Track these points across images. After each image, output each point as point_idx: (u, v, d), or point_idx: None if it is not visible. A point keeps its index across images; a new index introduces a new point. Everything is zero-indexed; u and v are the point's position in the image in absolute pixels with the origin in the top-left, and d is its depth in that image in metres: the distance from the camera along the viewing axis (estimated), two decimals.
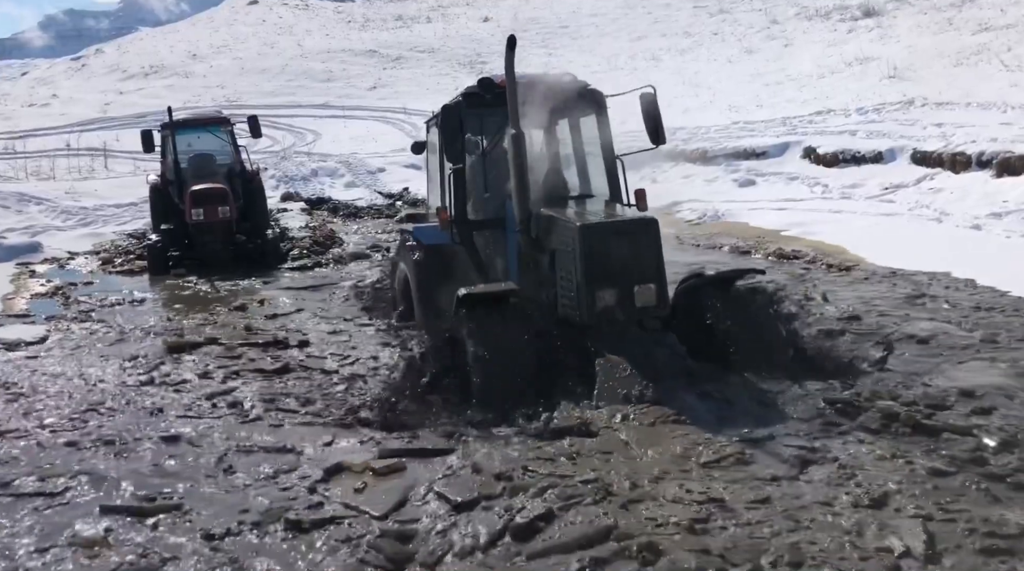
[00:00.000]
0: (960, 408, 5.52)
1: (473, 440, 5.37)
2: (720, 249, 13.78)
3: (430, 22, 64.34)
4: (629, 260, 6.45)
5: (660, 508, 4.26)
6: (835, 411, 5.46)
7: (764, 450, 4.94)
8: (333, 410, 6.23)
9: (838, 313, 8.51)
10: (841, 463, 4.69)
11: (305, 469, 5.08)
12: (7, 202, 18.93)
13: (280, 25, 66.68)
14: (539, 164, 7.80)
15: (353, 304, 10.41)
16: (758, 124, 26.03)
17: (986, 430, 5.10)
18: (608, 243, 6.47)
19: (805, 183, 19.38)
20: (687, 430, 5.17)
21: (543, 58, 52.08)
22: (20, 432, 5.82)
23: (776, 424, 5.35)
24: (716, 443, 4.96)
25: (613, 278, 6.42)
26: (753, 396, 5.77)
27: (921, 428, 5.14)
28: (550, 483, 4.56)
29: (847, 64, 32.02)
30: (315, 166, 26.95)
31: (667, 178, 24.00)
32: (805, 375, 6.15)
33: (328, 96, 45.88)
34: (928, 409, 5.44)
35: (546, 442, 5.25)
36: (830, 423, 5.32)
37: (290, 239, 15.46)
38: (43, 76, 63.42)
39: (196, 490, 4.83)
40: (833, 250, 12.44)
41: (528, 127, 7.34)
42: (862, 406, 5.46)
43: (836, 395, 5.73)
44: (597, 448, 5.09)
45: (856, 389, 5.83)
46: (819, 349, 6.93)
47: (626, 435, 5.22)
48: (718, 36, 48.21)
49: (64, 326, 9.27)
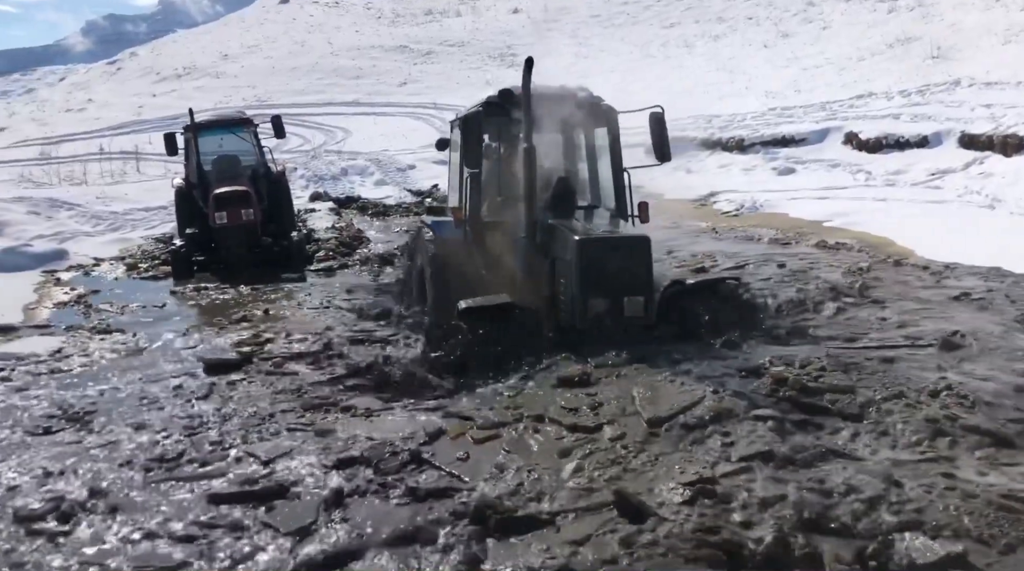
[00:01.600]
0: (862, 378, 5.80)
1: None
2: (759, 241, 13.20)
3: (460, 15, 63.89)
4: (621, 273, 7.10)
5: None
6: (744, 375, 5.92)
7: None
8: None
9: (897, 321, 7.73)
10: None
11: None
12: (38, 208, 18.93)
13: (310, 23, 66.73)
14: (550, 173, 8.22)
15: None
16: (796, 110, 25.29)
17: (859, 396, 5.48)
18: (603, 257, 7.12)
19: (847, 170, 18.70)
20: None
21: (573, 48, 51.46)
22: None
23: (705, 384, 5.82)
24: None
25: (605, 289, 7.09)
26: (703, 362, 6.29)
27: (807, 390, 5.53)
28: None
29: (888, 45, 30.99)
30: (345, 165, 26.73)
31: (703, 168, 23.40)
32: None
33: (358, 93, 45.70)
34: (817, 373, 5.81)
35: (557, 390, 5.95)
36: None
37: (316, 241, 15.19)
38: (80, 81, 64.25)
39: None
40: (879, 242, 11.83)
41: (542, 138, 7.95)
42: (763, 372, 5.90)
43: (747, 364, 6.15)
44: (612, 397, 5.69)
45: (768, 358, 6.24)
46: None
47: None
48: (753, 20, 47.14)
49: (81, 342, 8.90)
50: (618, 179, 8.44)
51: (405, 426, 5.70)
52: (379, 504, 4.62)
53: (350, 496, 4.68)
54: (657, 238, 13.25)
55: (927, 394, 5.48)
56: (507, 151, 8.56)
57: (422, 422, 5.75)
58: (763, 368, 5.94)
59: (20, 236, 16.15)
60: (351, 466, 5.04)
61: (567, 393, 5.86)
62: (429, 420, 5.79)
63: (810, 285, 9.24)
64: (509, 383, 6.34)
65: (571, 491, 4.50)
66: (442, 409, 6.05)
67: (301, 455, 5.26)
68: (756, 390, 5.59)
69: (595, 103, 8.41)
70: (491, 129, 8.63)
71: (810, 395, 5.49)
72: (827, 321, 8.05)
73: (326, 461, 5.12)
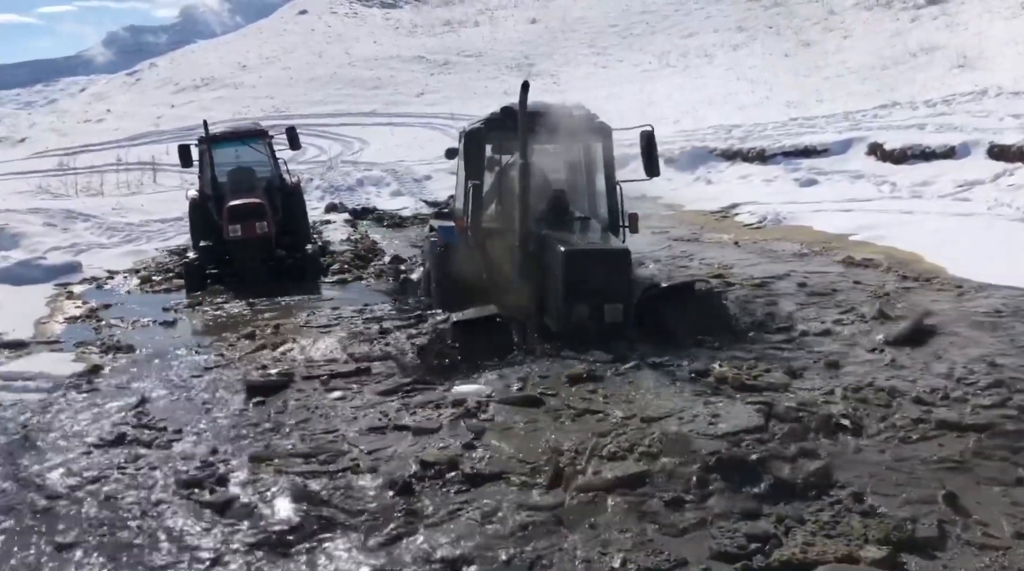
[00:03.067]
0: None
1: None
2: (783, 256, 12.86)
3: (478, 26, 63.94)
4: (602, 282, 7.73)
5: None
6: (694, 376, 6.66)
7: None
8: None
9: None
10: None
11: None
12: (54, 220, 18.90)
13: (329, 34, 67.01)
14: (547, 186, 8.92)
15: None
16: (818, 120, 24.94)
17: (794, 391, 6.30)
18: (586, 267, 7.76)
19: (871, 182, 18.31)
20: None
21: (591, 58, 51.35)
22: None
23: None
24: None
25: (587, 296, 7.72)
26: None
27: (745, 387, 6.32)
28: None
29: (912, 54, 30.64)
30: (361, 175, 26.59)
31: (723, 178, 23.06)
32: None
33: (375, 103, 45.75)
34: (758, 373, 6.62)
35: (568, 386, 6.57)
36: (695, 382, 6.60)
37: (331, 253, 15.00)
38: (99, 91, 64.78)
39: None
40: (908, 258, 11.42)
41: (541, 152, 8.80)
42: (711, 372, 6.67)
43: (699, 365, 6.85)
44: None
45: (718, 359, 6.97)
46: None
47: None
48: (773, 30, 46.83)
49: (108, 360, 8.62)
50: (610, 192, 9.11)
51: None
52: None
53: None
54: (676, 252, 13.01)
55: (852, 390, 6.26)
56: (506, 165, 9.11)
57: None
58: (710, 369, 6.70)
59: (36, 248, 16.09)
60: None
61: (577, 386, 6.57)
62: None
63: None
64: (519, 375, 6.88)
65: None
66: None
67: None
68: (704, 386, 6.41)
69: (590, 121, 9.02)
70: (493, 143, 9.22)
71: (747, 391, 6.26)
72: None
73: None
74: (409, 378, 7.07)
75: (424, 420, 6.06)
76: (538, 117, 8.46)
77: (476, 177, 8.91)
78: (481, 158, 8.99)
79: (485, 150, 9.10)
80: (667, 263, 12.53)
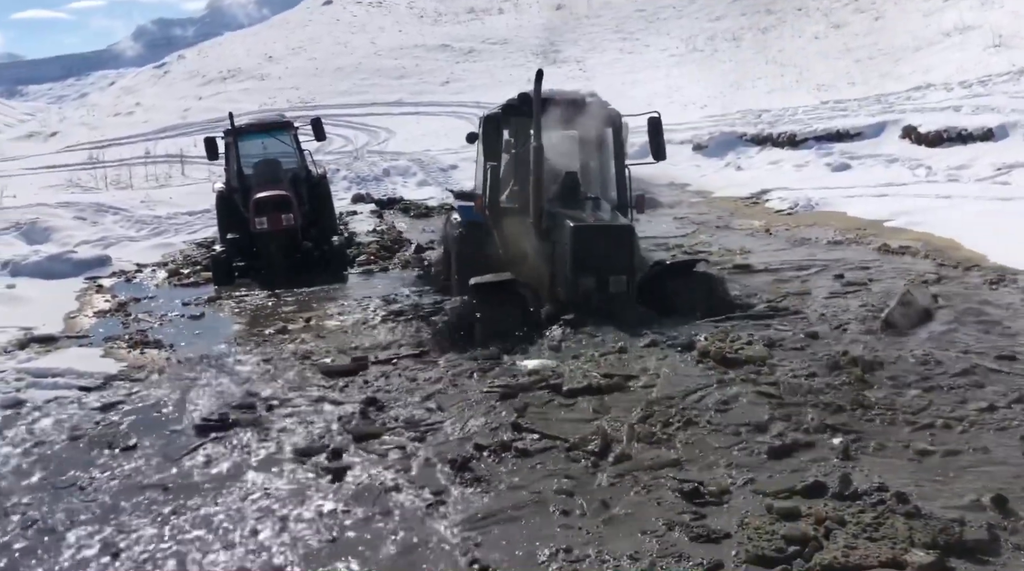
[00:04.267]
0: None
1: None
2: (816, 243, 12.59)
3: (502, 13, 63.52)
4: (607, 256, 8.35)
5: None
6: (681, 349, 7.15)
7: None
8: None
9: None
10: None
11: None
12: (84, 213, 19.04)
13: (354, 24, 66.94)
14: (560, 168, 9.42)
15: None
16: (850, 103, 24.44)
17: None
18: (592, 241, 8.38)
19: (906, 166, 17.90)
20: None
21: (617, 43, 50.83)
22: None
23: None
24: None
25: (593, 268, 8.33)
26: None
27: (725, 360, 6.71)
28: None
29: (945, 34, 29.85)
30: (387, 165, 26.53)
31: (753, 164, 22.71)
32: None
33: (401, 93, 45.64)
34: (739, 345, 7.02)
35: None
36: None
37: (357, 245, 14.95)
38: (129, 85, 65.32)
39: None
40: (945, 244, 11.11)
41: (555, 136, 9.33)
42: (695, 345, 7.15)
43: (681, 340, 7.32)
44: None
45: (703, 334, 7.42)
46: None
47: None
48: (802, 11, 45.98)
49: (145, 363, 8.58)
50: (620, 174, 9.80)
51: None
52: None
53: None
54: (704, 240, 12.87)
55: (826, 365, 6.58)
56: (523, 146, 9.60)
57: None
58: (696, 342, 7.15)
59: (66, 242, 16.22)
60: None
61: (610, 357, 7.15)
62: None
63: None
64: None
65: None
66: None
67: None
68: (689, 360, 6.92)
69: (602, 107, 9.64)
70: (510, 127, 9.93)
71: (728, 365, 6.64)
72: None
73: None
74: (474, 356, 7.57)
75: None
76: (553, 103, 9.14)
77: (494, 159, 9.60)
78: (499, 142, 9.64)
79: (502, 134, 9.76)
80: (688, 251, 12.59)
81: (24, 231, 16.97)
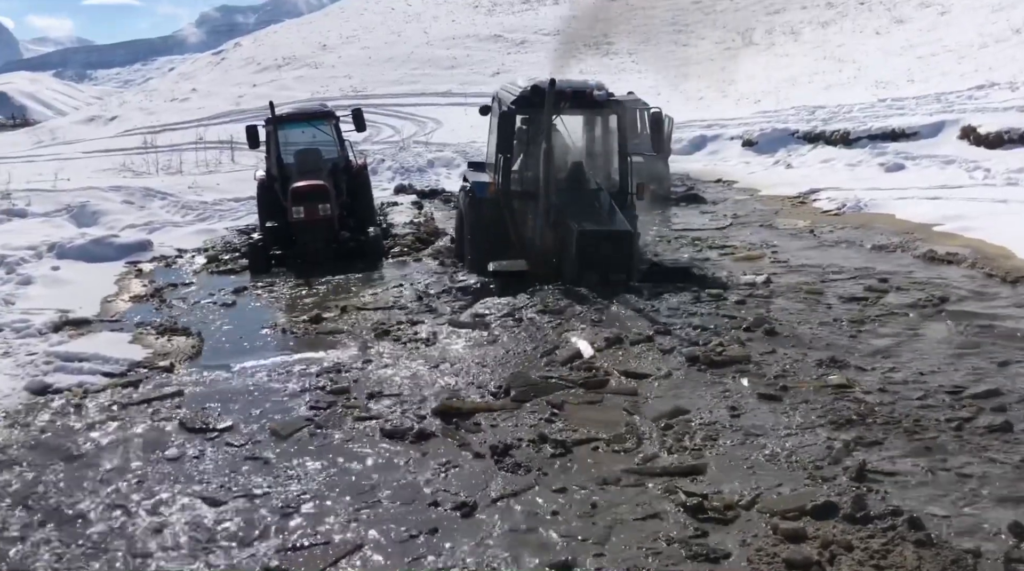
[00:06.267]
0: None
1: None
2: (859, 246, 12.16)
3: (557, 3, 63.15)
4: (609, 257, 9.51)
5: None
6: (685, 357, 7.30)
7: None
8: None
9: None
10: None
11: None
12: (133, 198, 19.35)
13: (408, 13, 67.21)
14: (567, 157, 10.64)
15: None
16: (908, 101, 23.71)
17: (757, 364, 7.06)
18: (596, 244, 9.50)
19: (963, 167, 17.29)
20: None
21: (671, 35, 50.12)
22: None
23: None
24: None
25: (596, 266, 9.48)
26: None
27: (713, 363, 7.03)
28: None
29: (1015, 31, 28.80)
30: (432, 156, 26.52)
31: (804, 162, 22.19)
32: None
33: (451, 83, 45.67)
34: (721, 348, 7.37)
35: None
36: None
37: (393, 236, 14.94)
38: (186, 71, 66.56)
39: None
40: (996, 253, 10.59)
41: (561, 126, 10.50)
42: (691, 352, 7.35)
43: (686, 349, 7.50)
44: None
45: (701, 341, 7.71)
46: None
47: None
48: (865, 6, 44.83)
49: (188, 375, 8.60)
50: (623, 164, 10.70)
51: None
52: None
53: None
54: (751, 239, 12.65)
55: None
56: (534, 134, 10.57)
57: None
58: (678, 351, 7.39)
59: (113, 225, 16.50)
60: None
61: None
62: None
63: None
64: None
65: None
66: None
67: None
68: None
69: (607, 100, 10.52)
70: (523, 116, 10.67)
71: (717, 366, 6.97)
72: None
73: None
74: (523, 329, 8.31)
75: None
76: (563, 95, 10.09)
77: (506, 151, 10.40)
78: (511, 135, 10.31)
79: (515, 128, 10.43)
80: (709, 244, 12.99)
81: (74, 214, 17.32)
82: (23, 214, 16.86)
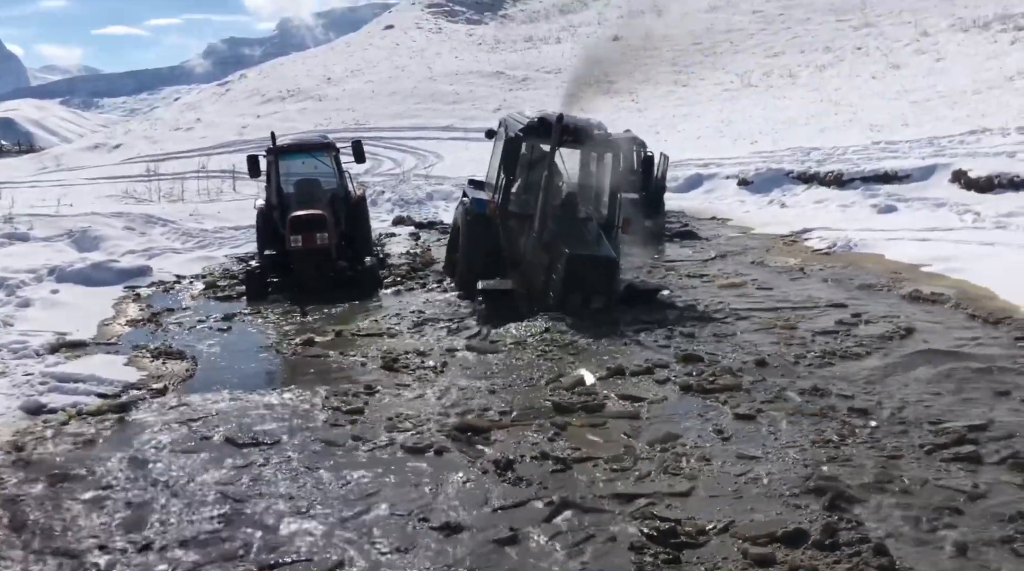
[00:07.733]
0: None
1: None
2: (848, 284, 12.33)
3: (560, 42, 64.10)
4: (593, 281, 10.15)
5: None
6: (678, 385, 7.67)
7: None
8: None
9: None
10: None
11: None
12: (134, 224, 19.58)
13: (412, 48, 68.16)
14: (562, 186, 11.44)
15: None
16: (901, 144, 24.04)
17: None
18: (582, 267, 10.09)
19: (953, 210, 17.51)
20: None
21: (672, 76, 50.80)
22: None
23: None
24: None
25: (581, 288, 10.11)
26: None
27: (706, 390, 7.42)
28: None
29: (1008, 78, 29.29)
30: (431, 189, 26.85)
31: (798, 202, 22.45)
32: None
33: (452, 118, 46.24)
34: (711, 377, 7.77)
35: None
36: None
37: (388, 266, 15.12)
38: (192, 101, 67.29)
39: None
40: (979, 294, 10.78)
41: (559, 156, 11.13)
42: (685, 381, 7.74)
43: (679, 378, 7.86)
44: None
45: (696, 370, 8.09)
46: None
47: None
48: (862, 51, 45.54)
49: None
50: (613, 199, 11.54)
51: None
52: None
53: None
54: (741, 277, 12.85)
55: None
56: (536, 161, 11.37)
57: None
58: (672, 379, 7.79)
59: (113, 251, 16.68)
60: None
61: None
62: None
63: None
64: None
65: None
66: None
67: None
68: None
69: (606, 138, 11.40)
70: (527, 143, 11.30)
71: (709, 393, 7.34)
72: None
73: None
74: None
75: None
76: (567, 130, 10.82)
77: (510, 174, 11.18)
78: (516, 160, 11.11)
79: (520, 153, 11.14)
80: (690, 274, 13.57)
81: (75, 239, 17.52)
82: (25, 238, 17.04)
